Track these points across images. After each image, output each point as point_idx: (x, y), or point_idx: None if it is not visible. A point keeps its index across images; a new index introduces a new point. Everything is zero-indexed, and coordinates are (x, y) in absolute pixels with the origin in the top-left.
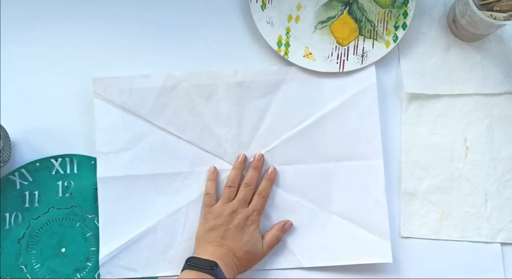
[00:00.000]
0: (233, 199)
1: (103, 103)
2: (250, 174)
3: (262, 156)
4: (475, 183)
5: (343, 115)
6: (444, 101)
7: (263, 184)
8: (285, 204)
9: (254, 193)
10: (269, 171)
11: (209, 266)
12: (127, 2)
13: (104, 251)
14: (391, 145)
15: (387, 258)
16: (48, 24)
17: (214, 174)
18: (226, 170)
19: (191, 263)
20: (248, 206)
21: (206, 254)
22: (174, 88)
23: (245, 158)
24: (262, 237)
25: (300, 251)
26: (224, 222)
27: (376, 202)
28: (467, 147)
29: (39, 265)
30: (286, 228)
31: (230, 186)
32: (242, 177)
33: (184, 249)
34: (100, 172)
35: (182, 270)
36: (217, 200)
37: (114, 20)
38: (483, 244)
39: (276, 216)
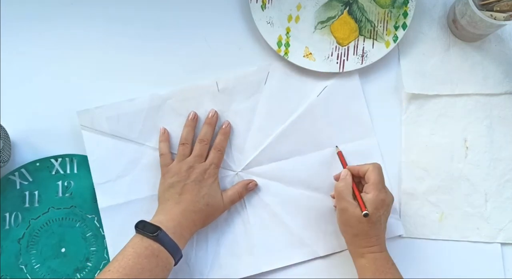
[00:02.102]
0: (188, 156)
1: (92, 135)
2: (204, 130)
3: (215, 112)
4: (475, 183)
5: (329, 101)
6: (444, 101)
7: (218, 138)
8: (290, 198)
9: (210, 149)
10: (224, 126)
11: (152, 232)
12: (127, 2)
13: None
14: (391, 145)
15: (399, 231)
16: (48, 24)
17: (165, 135)
18: (225, 176)
19: (138, 228)
20: (205, 161)
21: (162, 214)
22: (160, 107)
23: (195, 116)
24: (224, 191)
25: (315, 241)
26: (181, 178)
27: None
28: (467, 147)
29: (39, 265)
30: (250, 187)
31: (183, 144)
32: (195, 135)
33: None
34: (101, 203)
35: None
36: (172, 159)
37: (114, 20)
38: (483, 244)
39: (284, 211)
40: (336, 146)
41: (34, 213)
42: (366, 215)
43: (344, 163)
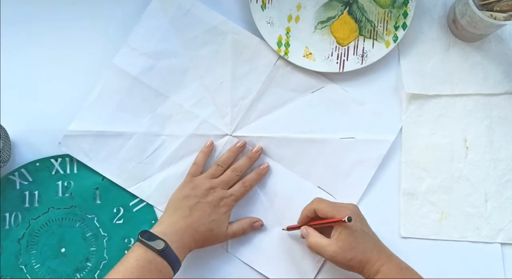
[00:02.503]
0: (217, 178)
1: (159, 7)
2: (242, 161)
3: (261, 149)
4: (475, 183)
5: (346, 152)
6: (444, 101)
7: (251, 175)
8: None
9: (238, 180)
10: (262, 166)
11: (158, 247)
12: (127, 2)
13: (76, 125)
14: (391, 145)
15: None
16: (48, 24)
17: (209, 148)
18: (218, 129)
19: (143, 239)
20: (228, 189)
21: (166, 224)
22: (222, 33)
23: (244, 145)
24: (230, 224)
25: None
26: (199, 194)
27: None
28: (467, 147)
29: (39, 265)
30: (255, 227)
31: (218, 165)
32: (234, 162)
33: (141, 169)
34: (117, 60)
35: (136, 241)
36: (201, 173)
37: (115, 20)
38: (483, 244)
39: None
40: (283, 229)
41: (34, 213)
42: (350, 220)
43: (295, 226)
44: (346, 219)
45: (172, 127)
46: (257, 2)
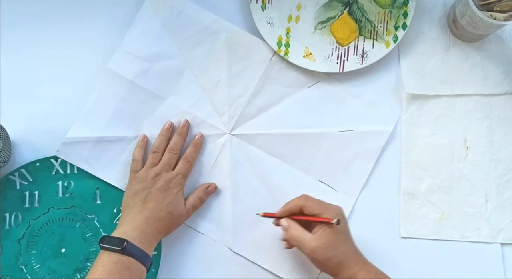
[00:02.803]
0: (157, 164)
1: (151, 10)
2: (174, 140)
3: (186, 121)
4: (475, 183)
5: (345, 144)
6: (444, 101)
7: (189, 149)
8: (247, 187)
9: (179, 159)
10: (196, 137)
11: (118, 246)
12: (127, 2)
13: (74, 132)
14: (391, 145)
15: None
16: (48, 24)
17: (143, 142)
18: (217, 128)
19: (103, 244)
20: (172, 170)
21: (126, 223)
22: (216, 32)
23: (171, 125)
24: (186, 199)
25: (238, 237)
26: (147, 186)
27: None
28: (467, 148)
29: (39, 265)
30: (210, 191)
31: (154, 152)
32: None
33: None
34: (112, 65)
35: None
36: (142, 167)
37: (115, 20)
38: (483, 244)
39: (233, 196)
40: (257, 214)
41: (34, 213)
42: (338, 222)
43: (274, 215)
44: (335, 221)
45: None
46: (257, 2)
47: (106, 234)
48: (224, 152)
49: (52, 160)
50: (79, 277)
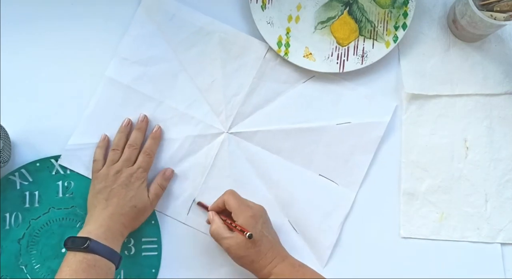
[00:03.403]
0: (118, 161)
1: (144, 16)
2: (133, 135)
3: (145, 116)
4: (475, 184)
5: (343, 137)
6: (444, 102)
7: (148, 142)
8: (249, 186)
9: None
10: (154, 130)
11: (82, 245)
12: (127, 2)
13: (75, 139)
14: (391, 145)
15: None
16: (48, 24)
17: (104, 142)
18: (214, 128)
19: (68, 245)
20: (133, 165)
21: (90, 222)
22: (209, 33)
23: (129, 122)
24: (148, 189)
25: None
26: (108, 184)
27: (330, 227)
28: (467, 148)
29: (39, 265)
30: (168, 176)
31: (114, 149)
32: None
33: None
34: (109, 72)
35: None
36: (103, 166)
37: (115, 20)
38: (483, 244)
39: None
40: (193, 199)
41: (34, 213)
42: (250, 236)
43: (206, 208)
44: (247, 236)
45: (168, 131)
46: (257, 2)
47: (70, 236)
48: (223, 151)
49: (52, 160)
50: None
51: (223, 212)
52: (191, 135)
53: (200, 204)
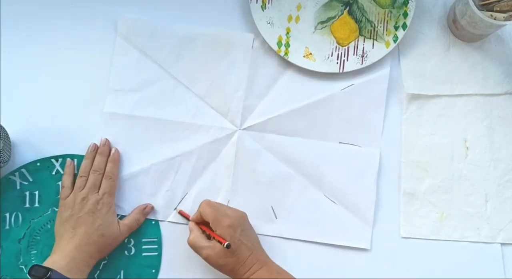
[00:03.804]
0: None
1: (124, 43)
2: (97, 160)
3: (106, 140)
4: (475, 184)
5: (351, 99)
6: (444, 101)
7: (108, 166)
8: (276, 173)
9: None
10: (112, 152)
11: (43, 276)
12: (127, 2)
13: None
14: (391, 145)
15: (365, 244)
16: (48, 24)
17: (70, 168)
18: (226, 129)
19: (31, 273)
20: (98, 191)
21: (56, 252)
22: (193, 40)
23: (95, 147)
24: (122, 220)
25: (283, 221)
26: (75, 212)
27: (365, 188)
28: (467, 148)
29: None
30: (146, 212)
31: (81, 176)
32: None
33: (171, 196)
34: (107, 107)
35: None
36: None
37: (115, 20)
38: (483, 244)
39: (267, 183)
40: (175, 209)
41: (35, 213)
42: (228, 246)
43: (187, 217)
44: (225, 246)
45: (182, 145)
46: (257, 2)
47: (36, 264)
48: (241, 148)
49: (53, 160)
50: None
51: (204, 222)
52: (206, 143)
53: (181, 212)
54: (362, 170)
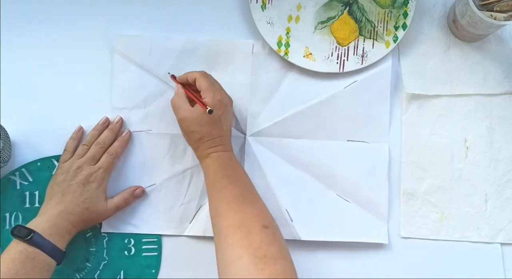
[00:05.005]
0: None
1: (123, 60)
2: (104, 134)
3: (120, 119)
4: (475, 184)
5: (355, 96)
6: (444, 102)
7: (115, 144)
8: (287, 177)
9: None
10: (124, 134)
11: (25, 236)
12: (127, 2)
13: None
14: (391, 145)
15: (383, 239)
16: (48, 24)
17: (78, 134)
18: (233, 137)
19: (14, 233)
20: (95, 164)
21: (41, 214)
22: (193, 52)
23: (106, 121)
24: (111, 198)
25: (299, 224)
26: (68, 178)
27: (378, 184)
28: (467, 148)
29: None
30: (137, 194)
31: (84, 144)
32: None
33: (185, 210)
34: None
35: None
36: (70, 158)
37: (115, 20)
38: (483, 244)
39: (278, 187)
40: (169, 73)
41: (35, 213)
42: (210, 112)
43: (176, 82)
44: (207, 110)
45: (191, 157)
46: (257, 2)
47: (19, 224)
48: (250, 155)
49: (53, 160)
50: (78, 277)
51: (190, 86)
52: None
53: (172, 77)
54: (372, 166)
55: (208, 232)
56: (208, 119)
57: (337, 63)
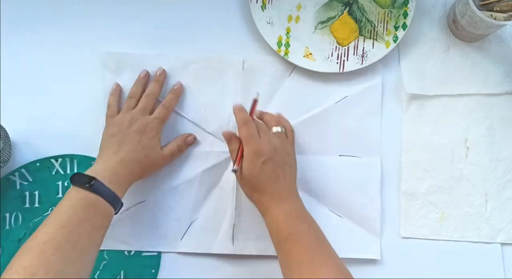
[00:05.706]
0: (133, 109)
1: (113, 77)
2: (151, 86)
3: (163, 70)
4: (475, 184)
5: (346, 111)
6: (445, 102)
7: (168, 96)
8: None
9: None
10: (176, 86)
11: (87, 183)
12: (127, 2)
13: None
14: (391, 145)
15: (375, 255)
16: (48, 24)
17: (117, 90)
18: (225, 152)
19: (73, 180)
20: (150, 115)
21: (99, 163)
22: (183, 68)
23: (146, 74)
24: (164, 146)
25: None
26: (123, 128)
27: (370, 199)
28: (467, 148)
29: None
30: (189, 141)
31: (131, 97)
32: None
33: (177, 226)
34: None
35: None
36: (118, 112)
37: (115, 21)
38: (483, 244)
39: None
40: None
41: (35, 213)
42: (235, 172)
43: (251, 111)
44: (232, 170)
45: (183, 174)
46: (257, 2)
47: (77, 172)
48: None
49: (52, 160)
50: None
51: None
52: (207, 169)
53: (255, 102)
54: (364, 181)
55: (200, 248)
56: (249, 174)
57: (337, 63)
